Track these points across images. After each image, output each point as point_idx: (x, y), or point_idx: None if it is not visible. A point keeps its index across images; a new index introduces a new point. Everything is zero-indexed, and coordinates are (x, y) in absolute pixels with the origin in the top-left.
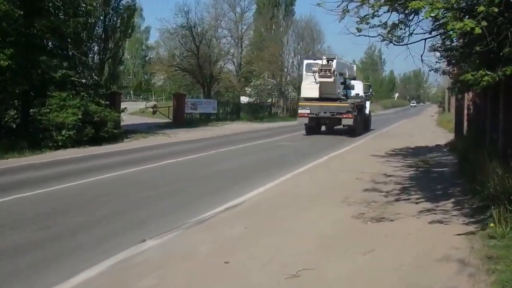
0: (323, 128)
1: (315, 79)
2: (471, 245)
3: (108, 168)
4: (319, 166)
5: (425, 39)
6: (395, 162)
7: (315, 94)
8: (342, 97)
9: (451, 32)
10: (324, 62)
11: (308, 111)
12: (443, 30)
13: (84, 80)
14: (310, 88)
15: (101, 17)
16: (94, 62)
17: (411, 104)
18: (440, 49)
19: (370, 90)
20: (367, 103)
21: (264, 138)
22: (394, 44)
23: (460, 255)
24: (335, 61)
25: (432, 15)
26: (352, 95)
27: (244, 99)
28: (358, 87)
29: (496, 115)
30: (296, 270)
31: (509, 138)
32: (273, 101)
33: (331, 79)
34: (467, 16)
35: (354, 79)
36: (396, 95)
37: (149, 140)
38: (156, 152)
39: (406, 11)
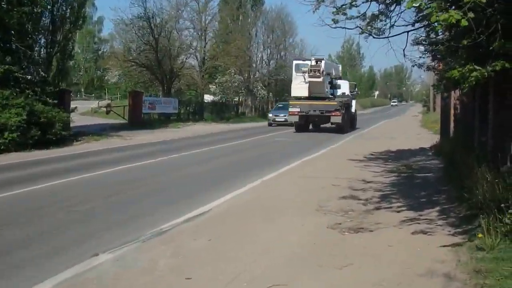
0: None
1: (305, 79)
2: (458, 257)
3: (55, 174)
4: (292, 171)
5: (408, 32)
6: (375, 167)
7: (305, 93)
8: (330, 96)
9: (435, 24)
10: (313, 62)
11: (299, 109)
12: (427, 22)
13: (29, 77)
14: (300, 87)
15: (49, 7)
16: (41, 57)
17: (391, 103)
18: (424, 42)
19: (356, 89)
20: (353, 102)
21: (230, 141)
22: (374, 37)
23: (445, 269)
24: (323, 61)
25: (414, 5)
26: (338, 94)
27: (208, 98)
28: (344, 86)
29: (485, 115)
30: (266, 287)
31: (499, 141)
32: (240, 100)
33: (320, 79)
34: (453, 7)
35: (340, 78)
36: (376, 93)
37: (102, 143)
38: (111, 156)
39: (387, 1)
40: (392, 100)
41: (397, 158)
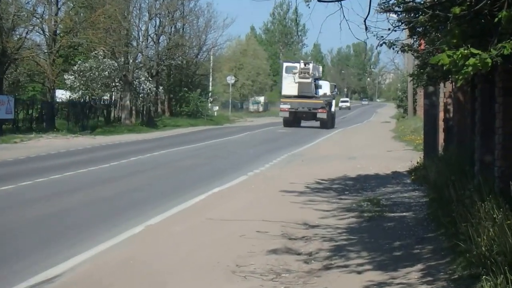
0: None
1: (294, 79)
2: None
3: None
4: (194, 211)
5: None
6: (323, 203)
7: (294, 92)
8: (316, 95)
9: None
10: (302, 65)
11: (289, 106)
12: None
13: None
14: (290, 87)
15: None
16: None
17: (340, 104)
18: (396, 9)
19: (335, 89)
20: (333, 102)
21: (92, 164)
22: (320, 0)
23: None
24: (311, 64)
25: None
26: (320, 94)
27: (62, 95)
28: (325, 87)
29: (490, 122)
30: None
31: None
32: (114, 98)
33: (309, 80)
34: None
35: (320, 79)
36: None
37: None
38: None
39: None
40: (342, 99)
41: (357, 188)
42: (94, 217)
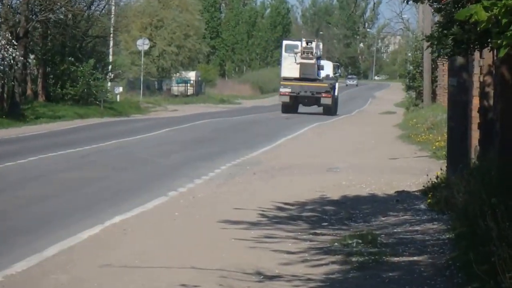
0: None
1: (295, 60)
2: None
3: None
4: (81, 255)
5: None
6: (288, 241)
7: (296, 74)
8: (319, 78)
9: None
10: (304, 44)
11: (290, 90)
12: None
13: None
14: (290, 68)
15: None
16: None
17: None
18: None
19: (339, 70)
20: (336, 85)
21: None
22: None
23: None
24: (314, 43)
25: None
26: (322, 75)
27: None
28: (327, 68)
29: None
30: None
31: None
32: None
33: (313, 61)
34: None
35: (321, 57)
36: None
37: None
38: None
39: None
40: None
41: (342, 218)
42: None
